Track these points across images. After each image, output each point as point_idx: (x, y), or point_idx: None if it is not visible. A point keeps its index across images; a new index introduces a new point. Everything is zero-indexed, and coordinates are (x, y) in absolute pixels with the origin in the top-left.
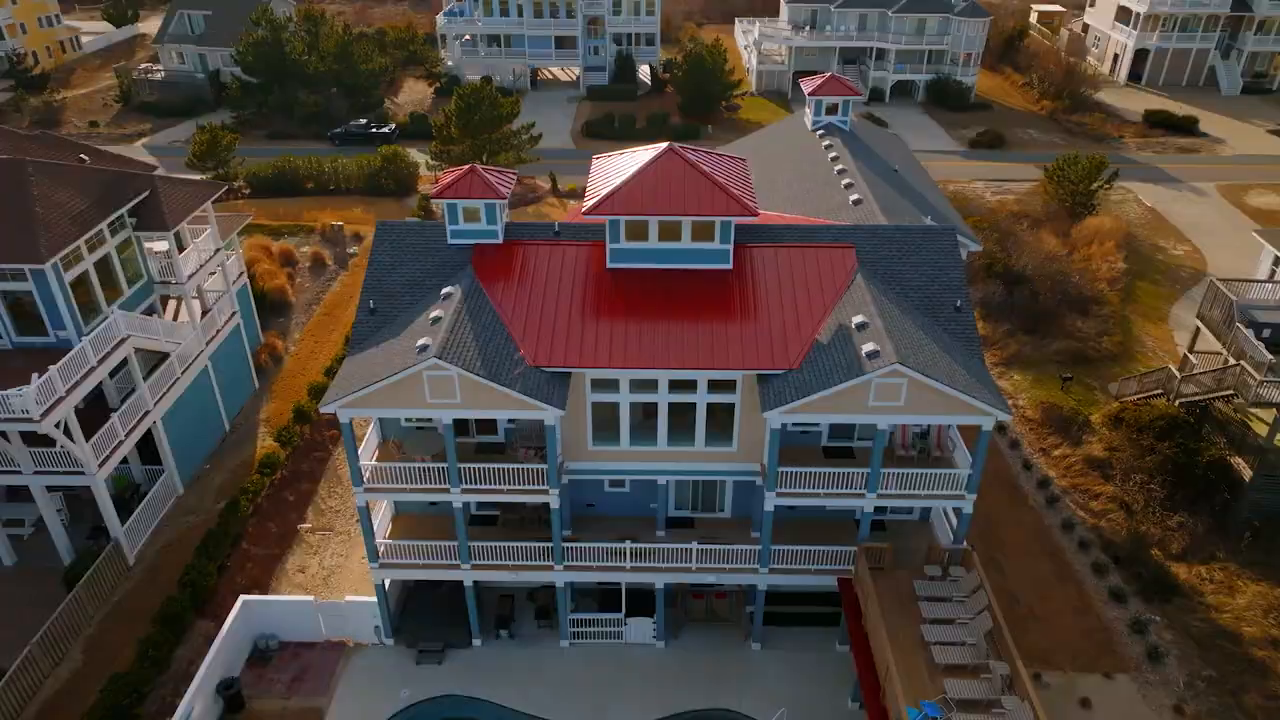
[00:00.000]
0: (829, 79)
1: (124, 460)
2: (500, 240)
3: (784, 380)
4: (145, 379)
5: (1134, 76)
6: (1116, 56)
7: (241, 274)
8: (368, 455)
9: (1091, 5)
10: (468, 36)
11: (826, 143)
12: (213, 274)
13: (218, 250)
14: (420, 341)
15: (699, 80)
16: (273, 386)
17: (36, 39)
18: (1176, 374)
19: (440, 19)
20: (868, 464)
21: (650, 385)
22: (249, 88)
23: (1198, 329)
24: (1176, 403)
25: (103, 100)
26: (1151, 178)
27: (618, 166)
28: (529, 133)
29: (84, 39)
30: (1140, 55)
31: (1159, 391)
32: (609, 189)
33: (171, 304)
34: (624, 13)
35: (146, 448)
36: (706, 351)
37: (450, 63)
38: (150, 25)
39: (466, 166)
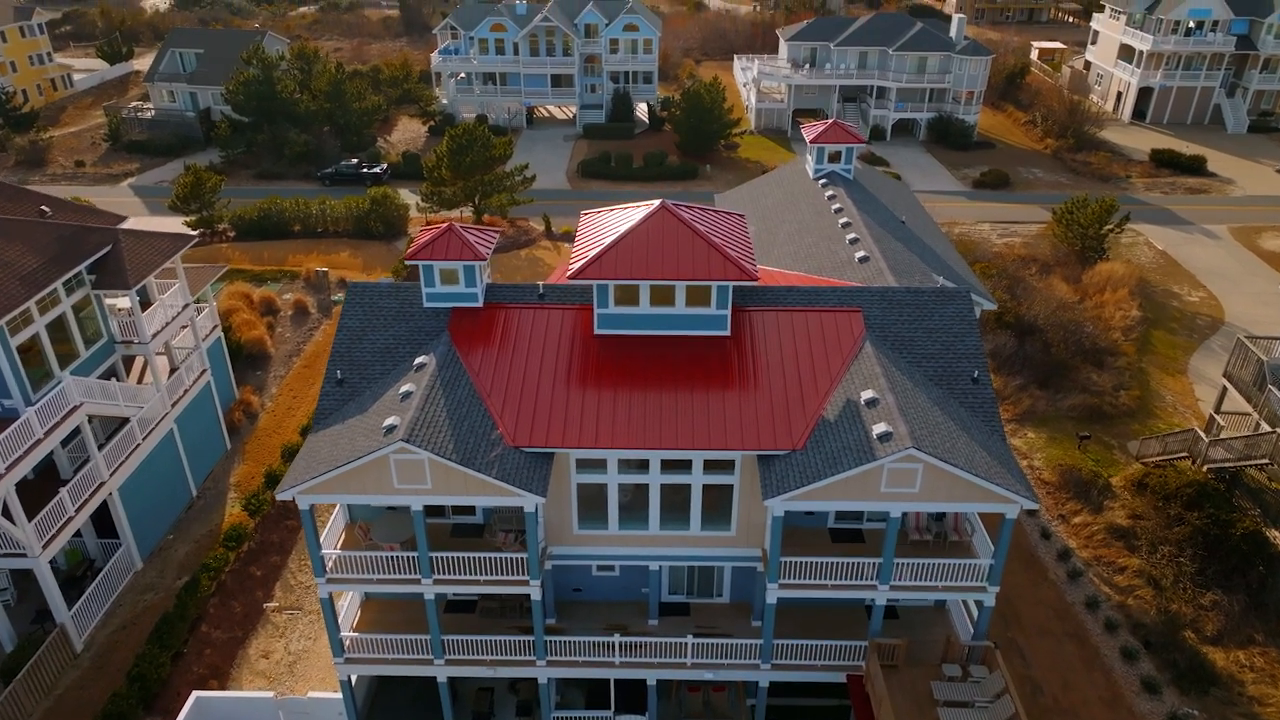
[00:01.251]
0: (831, 126)
1: (78, 533)
2: (480, 304)
3: (787, 463)
4: (103, 446)
5: (1138, 114)
6: (1120, 94)
7: (215, 327)
8: (333, 540)
9: (1093, 43)
10: (462, 74)
11: (829, 193)
12: (185, 327)
13: (186, 305)
14: (387, 421)
15: (697, 119)
16: (245, 446)
17: (27, 77)
18: (1203, 437)
19: (435, 57)
20: (879, 549)
21: (641, 465)
22: (238, 127)
23: (1224, 389)
24: (1204, 468)
25: (91, 139)
26: (1161, 219)
27: (607, 224)
28: (522, 174)
29: (76, 76)
30: (1144, 93)
31: (1184, 454)
32: (596, 250)
33: (138, 362)
34: (621, 51)
35: (103, 518)
36: (702, 429)
37: (445, 101)
38: (145, 62)
39: (444, 225)
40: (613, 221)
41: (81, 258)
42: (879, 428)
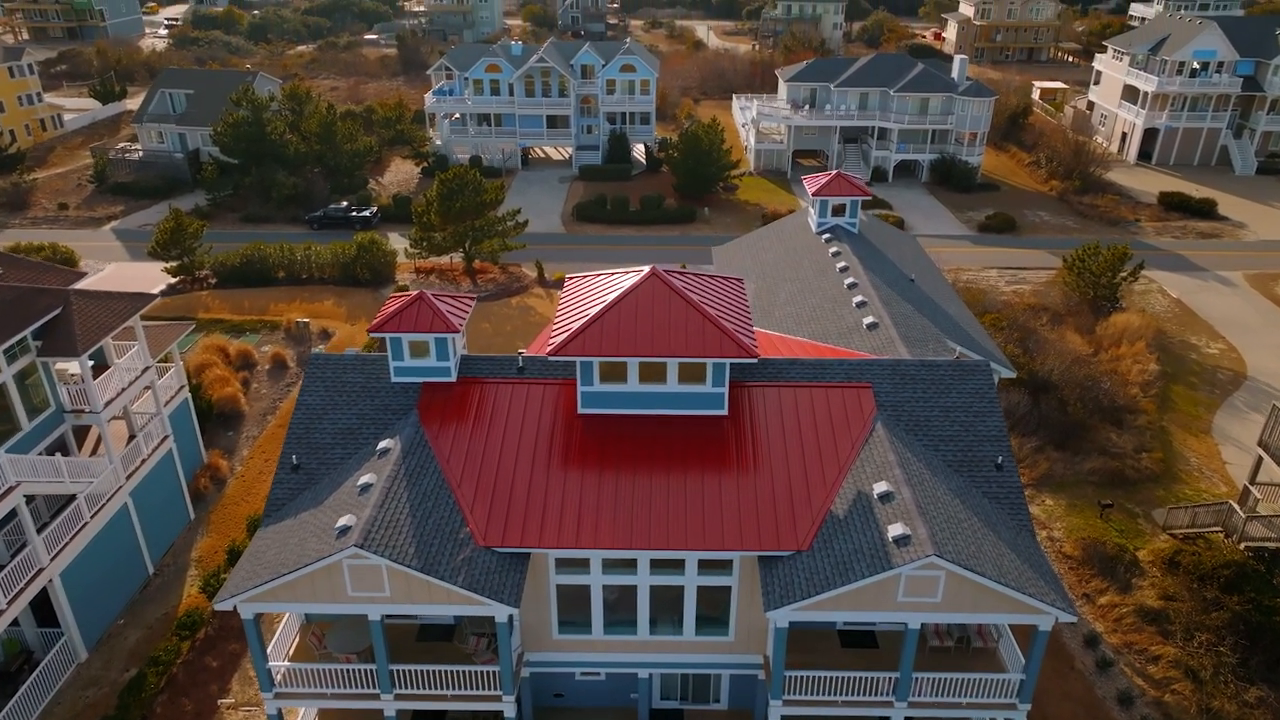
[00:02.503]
0: (834, 178)
1: (15, 622)
2: (453, 378)
3: (792, 566)
4: (45, 527)
5: (1144, 156)
6: (1125, 135)
7: (181, 388)
8: (283, 647)
9: (1096, 83)
10: (457, 115)
11: (833, 249)
12: (146, 389)
13: (147, 368)
14: (341, 521)
15: (695, 161)
16: (211, 516)
17: (15, 117)
18: (1238, 510)
19: (429, 98)
20: (895, 655)
21: (628, 564)
22: (226, 169)
23: (1260, 459)
24: (1241, 545)
25: (77, 180)
26: (1174, 265)
27: (592, 292)
28: (514, 219)
29: (67, 117)
30: (1150, 134)
31: (1216, 527)
32: (580, 322)
33: (94, 431)
34: (618, 92)
35: (45, 604)
36: (697, 525)
37: (439, 142)
38: (138, 102)
39: (415, 294)
40: (599, 289)
41: (26, 322)
42: (895, 529)
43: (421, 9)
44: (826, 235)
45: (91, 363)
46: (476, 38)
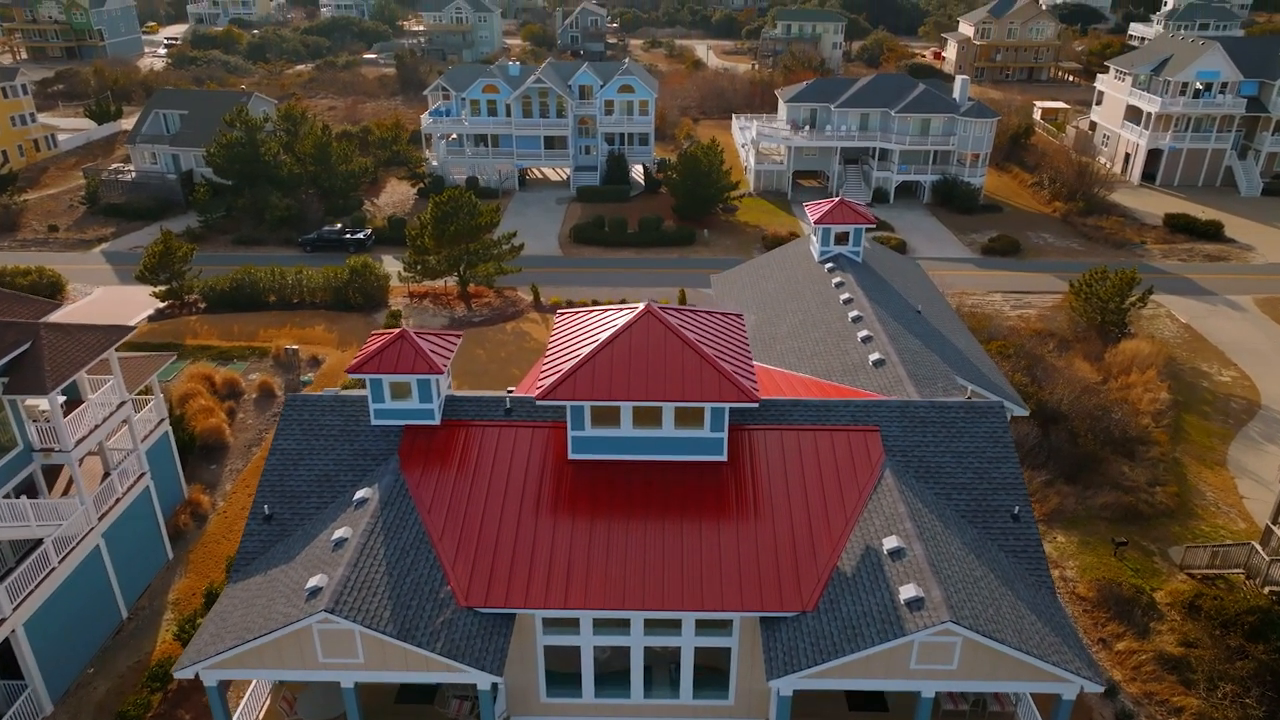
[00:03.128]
0: (837, 205)
1: None
2: (437, 420)
3: (796, 629)
4: (8, 574)
5: (1148, 177)
6: (1128, 156)
7: (161, 421)
8: (252, 712)
9: (1098, 104)
10: (453, 136)
11: (837, 279)
12: (123, 424)
13: (123, 403)
14: (311, 582)
15: (694, 182)
16: (190, 556)
17: (7, 138)
18: (1261, 552)
19: (425, 119)
20: (907, 719)
21: (621, 624)
22: (218, 190)
23: None
24: (1265, 590)
25: (69, 202)
26: (1181, 289)
27: (583, 330)
28: (510, 242)
29: (61, 137)
30: (1153, 155)
31: (1238, 569)
32: (570, 363)
33: (66, 470)
34: (616, 112)
35: (7, 655)
36: (694, 583)
37: (435, 163)
38: (134, 122)
39: (396, 332)
40: (590, 327)
41: None
42: (907, 591)
43: (421, 29)
44: (829, 264)
45: (64, 398)
46: (476, 57)
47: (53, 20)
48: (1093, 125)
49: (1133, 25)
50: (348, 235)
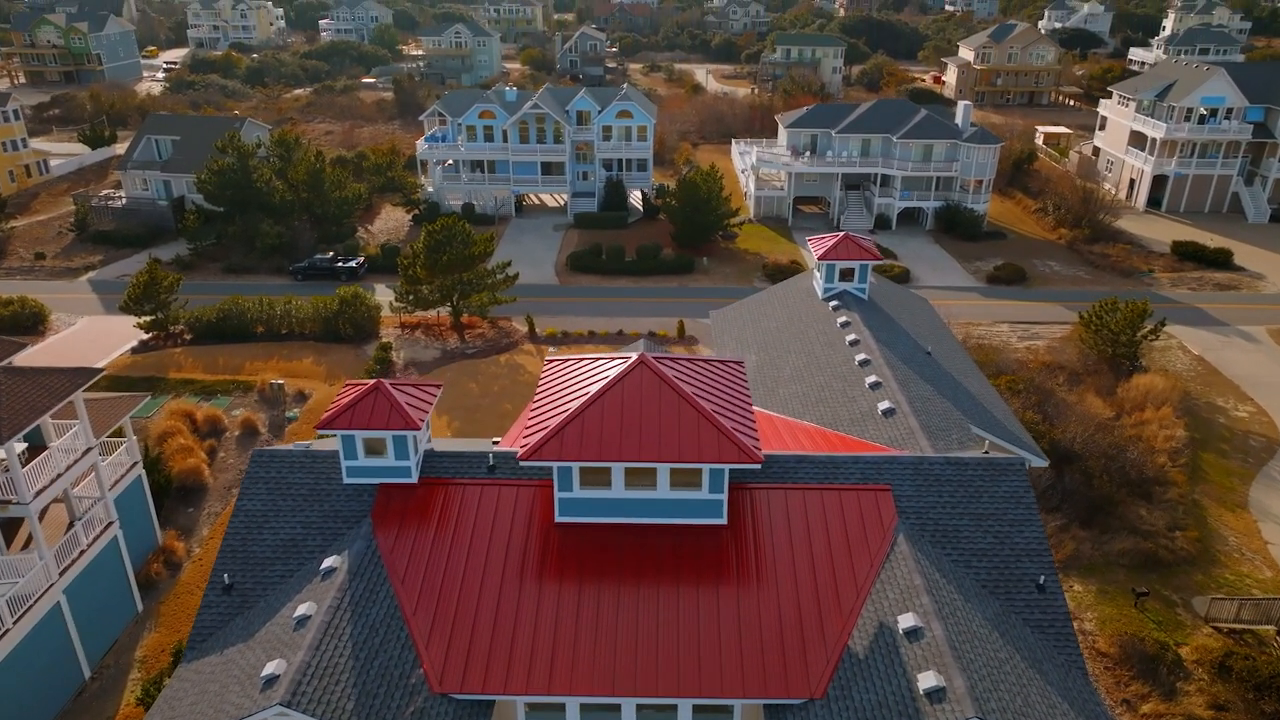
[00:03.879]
0: (842, 240)
1: None
2: (414, 479)
3: (803, 719)
4: None
5: (1153, 203)
6: (1133, 182)
7: (134, 465)
8: None
9: (1101, 129)
10: (449, 161)
11: (842, 319)
12: (91, 469)
13: (90, 449)
14: (268, 669)
15: (693, 209)
16: (161, 608)
17: None
18: None
19: (420, 144)
20: None
21: (611, 709)
22: (209, 217)
23: None
24: None
25: (58, 228)
26: (1192, 319)
27: (572, 381)
28: (504, 271)
29: (54, 162)
30: (1159, 181)
31: (1268, 624)
32: (558, 418)
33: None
34: (614, 138)
35: None
36: (691, 663)
37: (430, 189)
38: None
39: (370, 383)
40: (580, 376)
41: None
42: (926, 679)
43: (420, 53)
44: (834, 302)
45: (24, 445)
46: (475, 81)
47: (51, 45)
48: (1096, 150)
49: (1132, 50)
50: (340, 264)
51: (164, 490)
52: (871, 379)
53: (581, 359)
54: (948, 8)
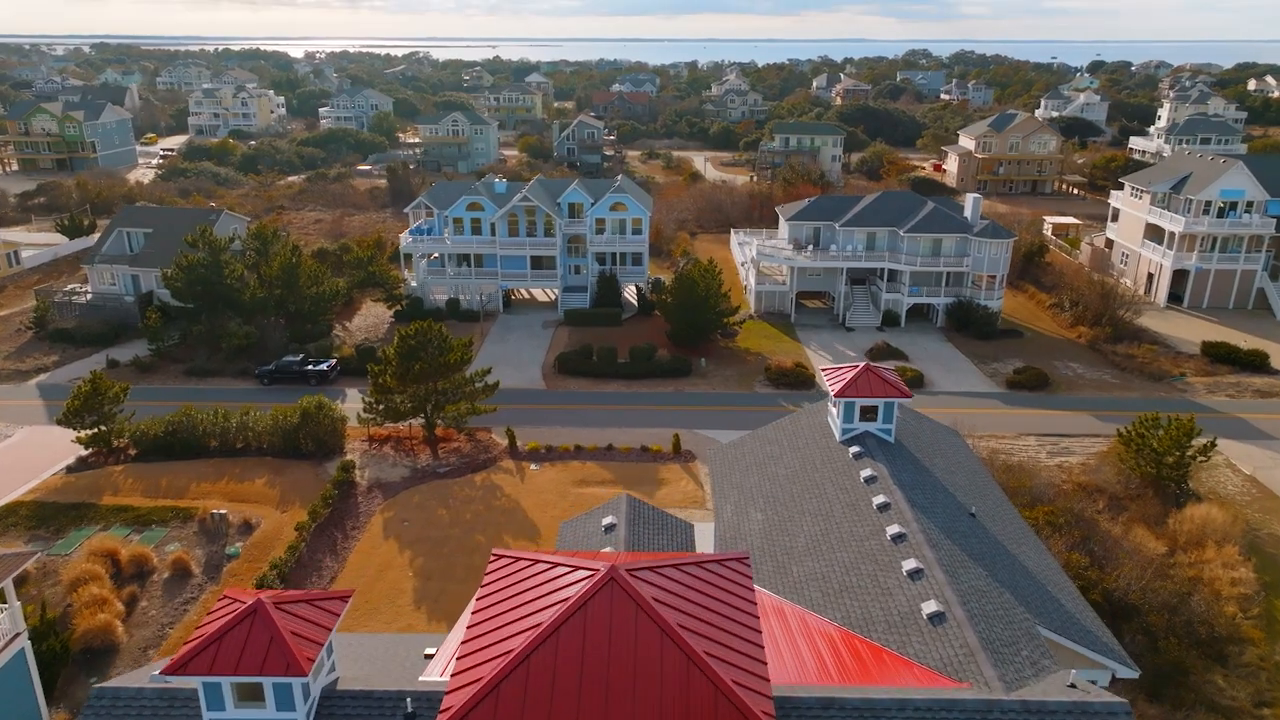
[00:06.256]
0: (862, 373)
1: None
2: None
3: None
4: None
5: (1174, 298)
6: (1151, 276)
7: (18, 635)
8: None
9: (1114, 220)
10: (435, 255)
11: (866, 471)
12: None
13: None
14: None
15: (690, 307)
16: None
17: None
18: None
19: (404, 238)
20: None
21: None
22: (174, 315)
23: None
24: None
25: (19, 325)
26: (1236, 432)
27: (519, 598)
28: (484, 380)
29: (25, 253)
30: (1178, 275)
31: None
32: (492, 664)
33: None
34: (608, 231)
35: None
36: None
37: (414, 284)
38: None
39: (248, 604)
40: (529, 594)
41: None
42: None
43: (417, 141)
44: (855, 448)
45: None
46: (472, 169)
47: (45, 133)
48: (1109, 243)
49: (1133, 139)
50: (309, 366)
51: (60, 658)
52: (910, 565)
53: (536, 561)
54: (943, 96)
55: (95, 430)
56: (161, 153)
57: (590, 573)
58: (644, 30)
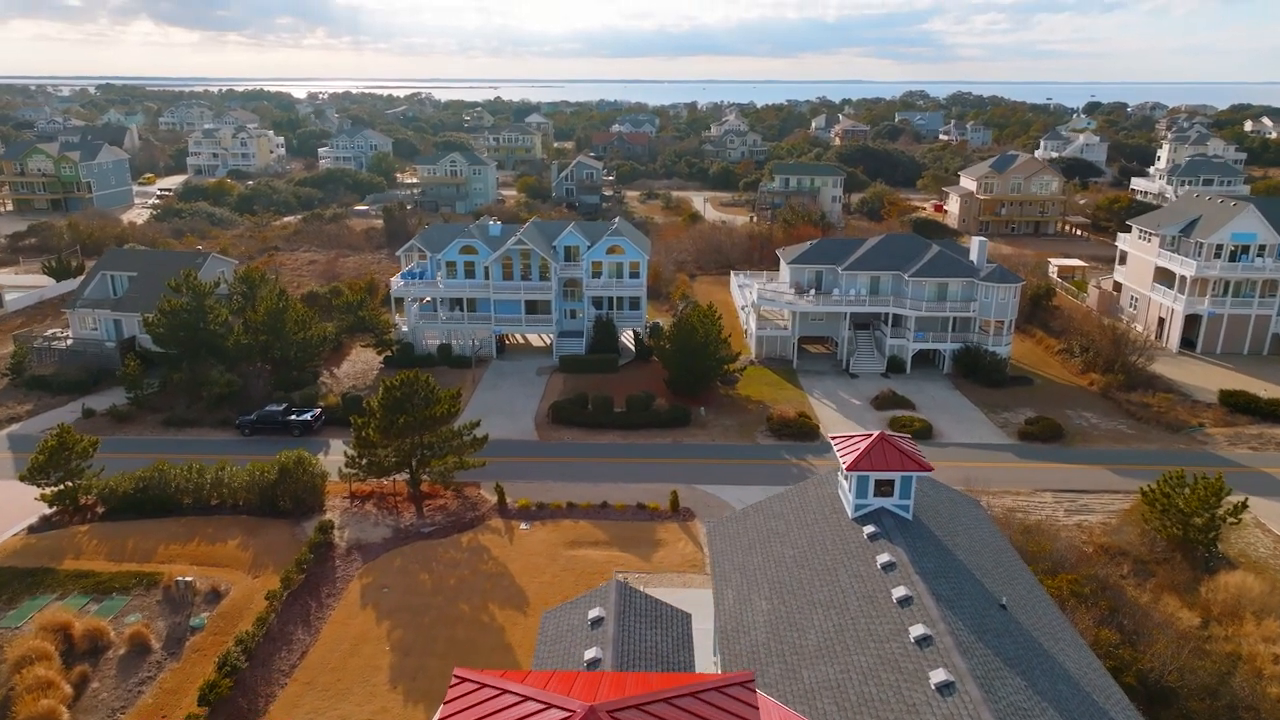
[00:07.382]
0: (876, 443)
1: None
2: None
3: None
4: None
5: (1186, 343)
6: (1162, 320)
7: None
8: None
9: (1121, 263)
10: (427, 299)
11: (884, 557)
12: None
13: None
14: None
15: (689, 354)
16: None
17: None
18: None
19: (395, 282)
20: None
21: None
22: (155, 362)
23: None
24: None
25: None
26: (1261, 487)
27: None
28: (472, 433)
29: (9, 296)
30: (1190, 320)
31: None
32: None
33: None
34: (604, 275)
35: None
36: None
37: (404, 329)
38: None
39: None
40: None
41: None
42: None
43: (414, 181)
44: (870, 527)
45: None
46: (469, 210)
47: (41, 173)
48: (1117, 285)
49: (1134, 180)
50: (293, 416)
51: None
52: (940, 677)
53: (503, 692)
54: (941, 136)
55: (60, 487)
56: (159, 193)
57: (565, 715)
58: (644, 71)
